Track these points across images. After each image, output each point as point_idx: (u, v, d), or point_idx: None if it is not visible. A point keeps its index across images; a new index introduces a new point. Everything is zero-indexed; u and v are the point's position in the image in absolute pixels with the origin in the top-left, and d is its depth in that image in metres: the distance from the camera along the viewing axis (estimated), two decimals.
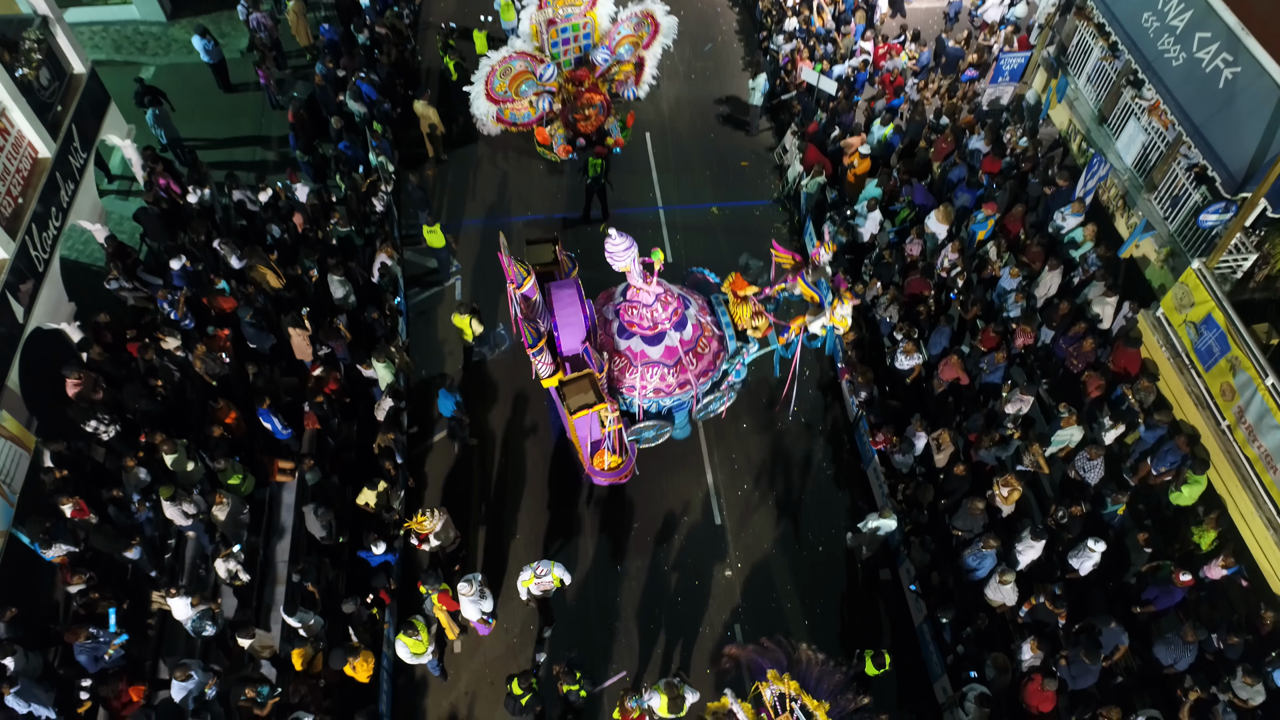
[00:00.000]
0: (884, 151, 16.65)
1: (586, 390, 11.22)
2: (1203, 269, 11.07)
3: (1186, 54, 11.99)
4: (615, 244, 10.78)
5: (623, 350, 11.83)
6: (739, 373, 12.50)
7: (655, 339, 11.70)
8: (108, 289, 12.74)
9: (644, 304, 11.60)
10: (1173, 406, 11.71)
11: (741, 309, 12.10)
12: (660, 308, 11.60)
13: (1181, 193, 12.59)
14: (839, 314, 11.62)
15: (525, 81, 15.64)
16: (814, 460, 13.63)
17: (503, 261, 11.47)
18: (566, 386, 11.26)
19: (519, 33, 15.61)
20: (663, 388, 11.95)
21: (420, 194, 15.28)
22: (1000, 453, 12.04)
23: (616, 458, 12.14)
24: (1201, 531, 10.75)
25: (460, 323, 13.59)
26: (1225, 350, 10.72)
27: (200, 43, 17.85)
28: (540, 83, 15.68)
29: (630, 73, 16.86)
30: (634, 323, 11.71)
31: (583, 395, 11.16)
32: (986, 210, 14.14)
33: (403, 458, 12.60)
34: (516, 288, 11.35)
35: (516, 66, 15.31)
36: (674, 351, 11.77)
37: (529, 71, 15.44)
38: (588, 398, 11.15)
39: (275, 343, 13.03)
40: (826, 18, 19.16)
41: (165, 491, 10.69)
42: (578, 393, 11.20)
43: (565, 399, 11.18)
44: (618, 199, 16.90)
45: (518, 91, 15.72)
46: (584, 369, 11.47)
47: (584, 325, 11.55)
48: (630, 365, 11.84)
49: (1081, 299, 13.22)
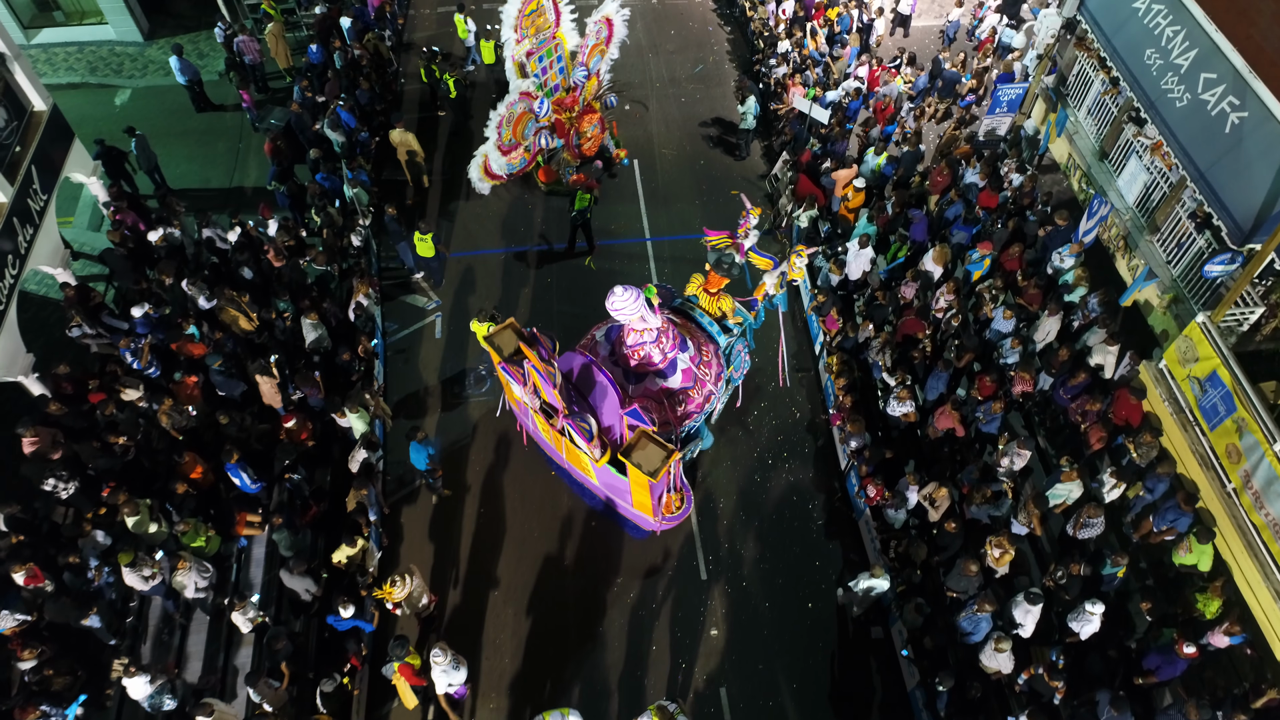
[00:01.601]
0: (878, 181, 16.18)
1: (648, 447, 10.50)
2: (1207, 323, 10.61)
3: (1191, 95, 11.51)
4: (621, 300, 10.26)
5: (655, 393, 11.65)
6: (745, 363, 13.06)
7: (670, 368, 11.56)
8: (70, 337, 12.23)
9: (650, 343, 11.35)
10: (1176, 462, 11.25)
11: (723, 301, 12.35)
12: (664, 339, 11.38)
13: (1185, 237, 12.12)
14: (796, 266, 12.01)
15: (528, 123, 15.21)
16: (803, 509, 13.17)
17: (518, 375, 11.02)
18: (632, 455, 10.39)
19: (507, 74, 15.17)
20: (693, 410, 11.89)
21: (397, 227, 14.78)
22: (993, 510, 11.60)
23: (677, 496, 11.78)
24: (1206, 599, 10.31)
25: (478, 329, 13.14)
26: (1231, 410, 10.27)
27: (176, 63, 17.37)
28: (539, 120, 15.27)
29: (598, 86, 16.47)
30: (648, 364, 11.47)
31: (653, 455, 10.36)
32: (982, 249, 13.68)
33: (378, 513, 12.16)
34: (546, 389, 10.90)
35: (518, 110, 14.89)
36: (689, 373, 11.74)
37: (529, 111, 15.01)
38: (658, 454, 10.39)
39: (246, 389, 12.57)
40: (820, 41, 18.65)
41: (124, 558, 10.23)
42: (647, 457, 10.35)
43: (641, 468, 10.27)
44: (604, 230, 16.44)
45: (522, 136, 15.30)
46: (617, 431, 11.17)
47: (616, 394, 11.20)
48: (664, 404, 11.68)
49: (1081, 345, 12.78)
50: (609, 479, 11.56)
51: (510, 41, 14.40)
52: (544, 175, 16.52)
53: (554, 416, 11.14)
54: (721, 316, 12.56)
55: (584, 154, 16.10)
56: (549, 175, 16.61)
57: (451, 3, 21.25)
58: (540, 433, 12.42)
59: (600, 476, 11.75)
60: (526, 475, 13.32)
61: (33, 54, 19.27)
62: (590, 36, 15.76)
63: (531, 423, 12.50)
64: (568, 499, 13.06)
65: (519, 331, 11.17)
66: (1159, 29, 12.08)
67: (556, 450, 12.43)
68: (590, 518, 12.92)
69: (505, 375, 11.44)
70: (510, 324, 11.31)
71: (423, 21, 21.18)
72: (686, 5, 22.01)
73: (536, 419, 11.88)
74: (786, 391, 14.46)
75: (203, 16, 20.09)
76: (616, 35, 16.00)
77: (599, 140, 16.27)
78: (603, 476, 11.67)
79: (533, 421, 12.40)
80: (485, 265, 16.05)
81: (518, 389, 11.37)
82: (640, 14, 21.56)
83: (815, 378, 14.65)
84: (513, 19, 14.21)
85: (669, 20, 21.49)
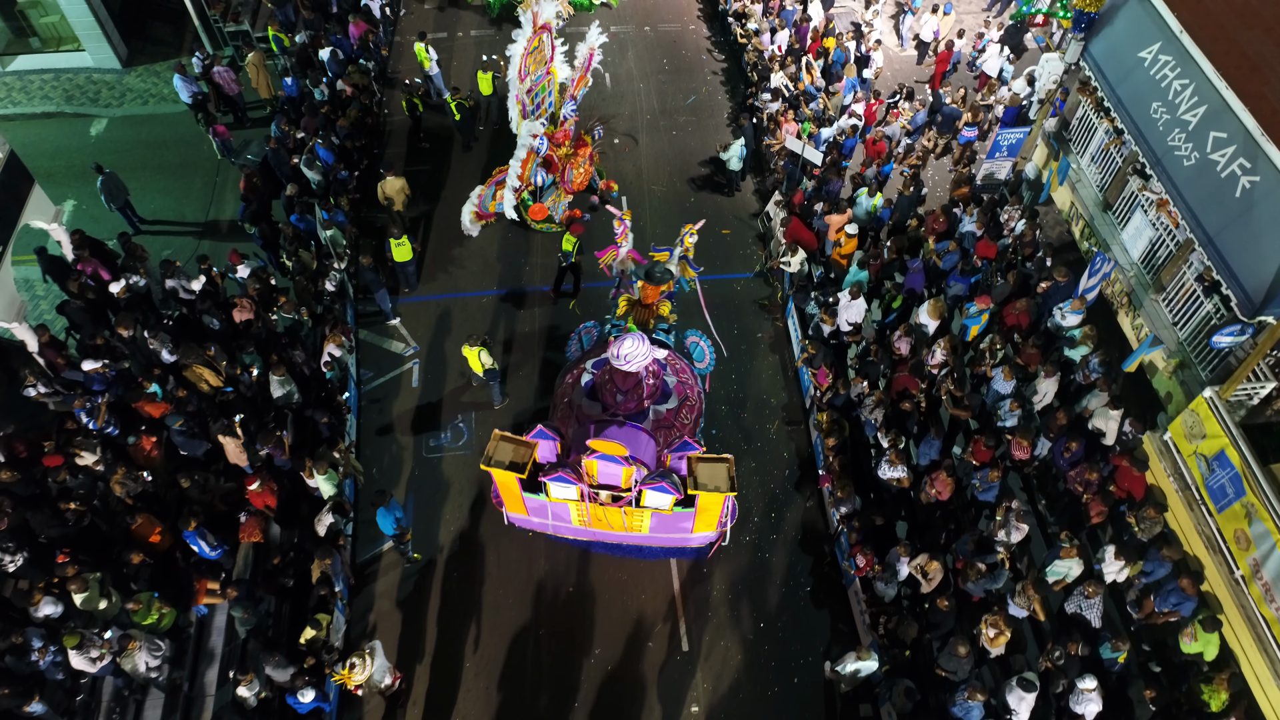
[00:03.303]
0: (873, 224, 15.63)
1: (708, 469, 10.43)
2: (1215, 399, 10.05)
3: (1199, 153, 10.95)
4: (631, 349, 10.27)
5: (665, 418, 11.82)
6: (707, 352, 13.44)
7: (666, 389, 11.92)
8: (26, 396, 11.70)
9: (648, 382, 11.40)
10: (1180, 542, 10.69)
11: (662, 308, 12.79)
12: (649, 372, 11.36)
13: (1192, 299, 11.55)
14: (689, 242, 13.06)
15: (534, 162, 14.75)
16: (791, 575, 12.62)
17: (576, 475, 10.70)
18: (700, 484, 10.33)
19: (510, 119, 14.69)
20: (697, 416, 12.50)
21: (374, 276, 14.24)
22: (989, 585, 11.05)
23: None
24: (1212, 691, 9.74)
25: (469, 354, 13.12)
26: (1240, 494, 9.71)
27: (179, 81, 16.88)
28: (540, 156, 14.81)
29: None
30: (646, 396, 11.51)
31: (718, 473, 10.40)
32: (980, 304, 13.12)
33: (344, 582, 11.61)
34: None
35: (530, 145, 14.44)
36: (679, 387, 12.12)
37: (534, 151, 14.54)
38: (720, 468, 10.44)
39: (209, 448, 12.05)
40: (816, 74, 18.08)
41: (70, 640, 9.71)
42: (714, 476, 10.35)
43: (720, 489, 10.27)
44: (590, 271, 15.88)
45: (528, 177, 14.85)
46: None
47: (650, 440, 11.15)
48: (675, 424, 11.89)
49: (1080, 408, 12.23)
50: (666, 522, 11.17)
51: (514, 82, 13.96)
52: (535, 213, 15.99)
53: (621, 497, 10.81)
54: (660, 320, 12.89)
55: (576, 189, 15.61)
56: (540, 213, 16.08)
57: (439, 30, 20.77)
58: (569, 524, 11.73)
59: (655, 523, 11.30)
60: (501, 537, 12.78)
61: (7, 81, 18.77)
62: (579, 68, 15.31)
63: (556, 522, 11.83)
64: (544, 563, 12.52)
65: (560, 436, 11.15)
66: (1166, 81, 11.52)
67: (591, 528, 11.72)
68: (568, 584, 12.38)
69: (554, 483, 10.87)
70: (529, 443, 10.76)
71: (407, 49, 20.58)
72: (680, 32, 21.45)
73: (573, 508, 11.27)
74: (775, 447, 13.91)
75: (182, 43, 19.59)
76: (593, 62, 15.58)
77: (589, 174, 15.79)
78: (660, 523, 11.26)
79: (559, 521, 11.75)
80: (465, 309, 15.51)
81: (560, 490, 10.83)
82: (632, 41, 21.03)
83: (805, 432, 14.10)
84: (518, 60, 13.81)
85: (661, 48, 20.94)
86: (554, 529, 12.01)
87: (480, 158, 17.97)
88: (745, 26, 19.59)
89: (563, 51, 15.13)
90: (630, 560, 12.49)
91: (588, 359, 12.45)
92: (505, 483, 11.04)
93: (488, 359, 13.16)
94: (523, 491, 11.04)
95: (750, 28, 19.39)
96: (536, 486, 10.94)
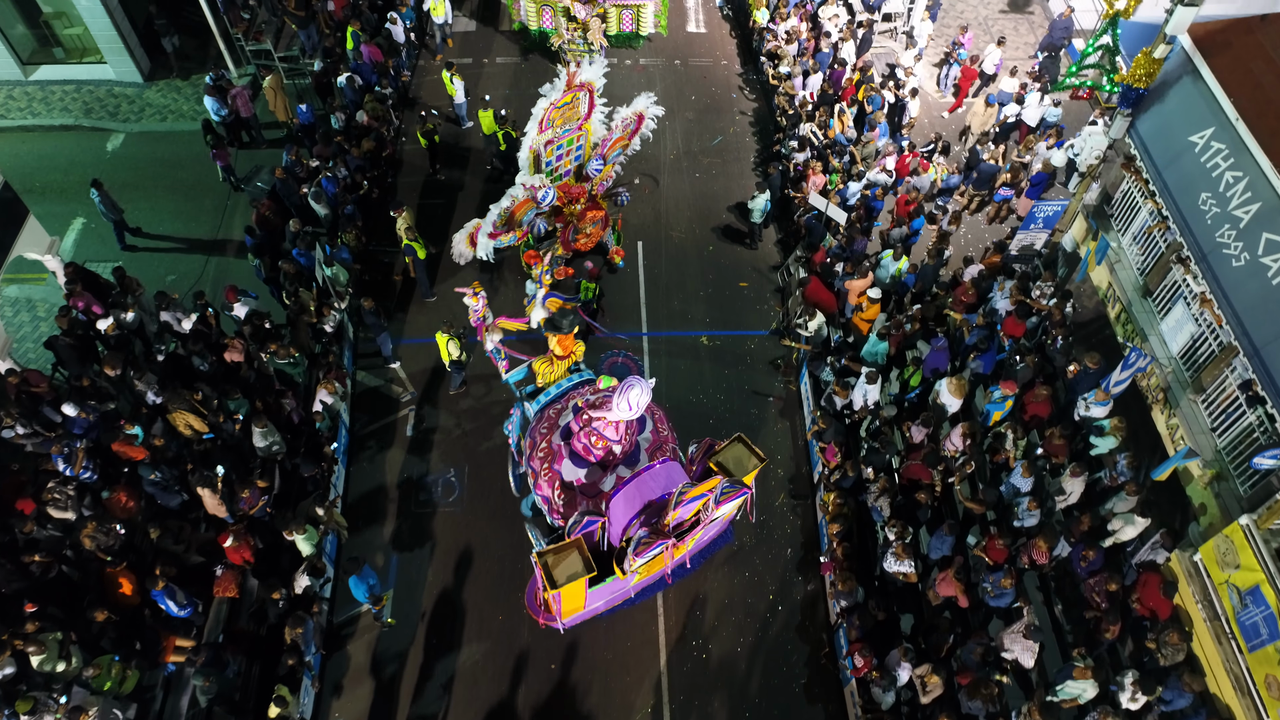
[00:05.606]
0: (897, 289, 14.89)
1: (731, 454, 10.54)
2: (1252, 528, 9.23)
3: (1250, 255, 10.11)
4: (640, 396, 9.84)
5: (660, 442, 11.53)
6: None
7: (643, 422, 11.50)
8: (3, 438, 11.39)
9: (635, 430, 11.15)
10: (1205, 675, 9.86)
11: (577, 349, 12.25)
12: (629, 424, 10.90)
13: (1234, 406, 10.70)
14: (536, 271, 13.20)
15: (528, 210, 14.23)
16: (786, 664, 11.97)
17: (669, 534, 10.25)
18: (729, 466, 10.46)
19: (519, 161, 14.17)
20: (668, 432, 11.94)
21: (375, 319, 13.80)
22: (992, 708, 10.29)
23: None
24: None
25: (440, 340, 13.00)
26: (1275, 636, 8.89)
27: (212, 103, 16.67)
28: (540, 207, 14.26)
29: (610, 175, 15.37)
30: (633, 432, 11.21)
31: (740, 457, 10.54)
32: (1005, 389, 12.35)
33: (315, 649, 11.14)
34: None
35: (520, 196, 13.93)
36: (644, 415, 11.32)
37: (531, 199, 14.02)
38: (740, 450, 10.62)
39: (185, 500, 11.68)
40: (847, 122, 17.34)
41: (22, 706, 9.36)
42: (739, 463, 10.48)
43: (747, 471, 10.40)
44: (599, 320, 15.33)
45: (518, 223, 14.32)
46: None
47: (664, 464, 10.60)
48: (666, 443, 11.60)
49: (1105, 510, 11.43)
50: (709, 530, 11.25)
51: (533, 132, 13.44)
52: (529, 258, 15.44)
53: (696, 526, 10.56)
54: (574, 364, 12.43)
55: (577, 248, 14.99)
56: (535, 259, 15.52)
57: (461, 56, 20.33)
58: (624, 588, 11.09)
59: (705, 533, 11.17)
60: (486, 603, 12.28)
61: (30, 91, 18.66)
62: (616, 129, 14.73)
63: (611, 596, 11.21)
64: (528, 634, 11.97)
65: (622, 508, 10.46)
66: (1218, 171, 10.68)
67: (646, 577, 11.16)
68: (551, 660, 11.83)
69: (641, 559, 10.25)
70: (576, 541, 10.04)
71: (432, 71, 20.15)
72: (710, 67, 20.80)
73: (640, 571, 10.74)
74: (780, 521, 13.27)
75: (206, 59, 19.37)
76: (643, 130, 15.01)
77: (597, 237, 15.17)
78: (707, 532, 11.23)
79: (613, 594, 11.15)
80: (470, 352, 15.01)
81: (643, 559, 10.21)
82: (661, 75, 20.42)
83: (812, 508, 13.42)
84: (542, 111, 13.28)
85: (690, 84, 20.30)
86: (607, 604, 11.38)
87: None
88: (777, 69, 18.89)
89: (604, 113, 14.56)
90: (617, 640, 11.94)
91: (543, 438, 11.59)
92: (572, 593, 10.13)
93: (456, 350, 13.29)
94: (589, 589, 10.31)
95: (782, 71, 18.69)
96: (604, 574, 10.33)
